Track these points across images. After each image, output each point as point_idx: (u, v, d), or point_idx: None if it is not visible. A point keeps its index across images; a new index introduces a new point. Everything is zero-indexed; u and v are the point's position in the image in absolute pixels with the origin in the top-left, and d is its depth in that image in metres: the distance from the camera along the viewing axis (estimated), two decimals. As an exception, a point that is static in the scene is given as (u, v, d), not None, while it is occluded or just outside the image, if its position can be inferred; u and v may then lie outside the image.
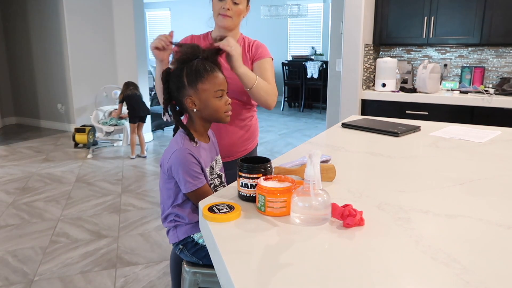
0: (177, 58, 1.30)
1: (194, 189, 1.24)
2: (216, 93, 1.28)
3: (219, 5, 1.57)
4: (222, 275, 0.75)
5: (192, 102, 1.28)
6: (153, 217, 2.98)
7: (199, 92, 1.27)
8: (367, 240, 0.82)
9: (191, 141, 1.28)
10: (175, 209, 1.33)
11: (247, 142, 1.75)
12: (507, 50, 3.45)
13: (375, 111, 3.40)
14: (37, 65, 5.98)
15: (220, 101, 1.29)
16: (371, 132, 1.81)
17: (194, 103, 1.28)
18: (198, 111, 1.29)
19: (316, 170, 0.87)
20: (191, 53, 1.29)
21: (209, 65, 1.28)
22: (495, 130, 1.86)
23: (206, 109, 1.29)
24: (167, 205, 1.34)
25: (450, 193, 1.08)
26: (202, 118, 1.32)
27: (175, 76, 1.29)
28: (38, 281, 2.17)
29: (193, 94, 1.27)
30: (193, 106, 1.28)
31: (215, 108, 1.29)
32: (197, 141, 1.29)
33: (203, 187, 1.26)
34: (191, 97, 1.27)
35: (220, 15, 1.58)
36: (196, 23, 9.70)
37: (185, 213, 1.33)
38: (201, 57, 1.29)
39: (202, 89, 1.26)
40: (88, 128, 4.87)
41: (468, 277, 0.68)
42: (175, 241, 1.35)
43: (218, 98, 1.29)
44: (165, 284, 2.15)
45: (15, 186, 3.66)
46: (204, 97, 1.27)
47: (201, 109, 1.29)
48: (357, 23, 3.29)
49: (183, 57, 1.29)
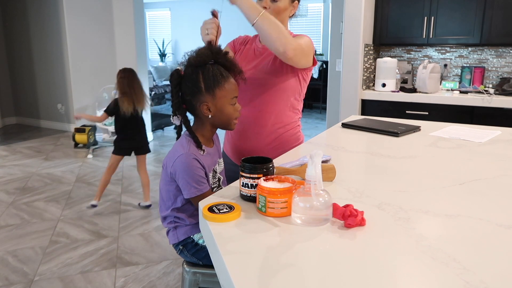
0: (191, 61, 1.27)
1: (199, 194, 1.23)
2: (231, 100, 1.28)
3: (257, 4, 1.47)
4: (222, 275, 0.75)
5: (208, 108, 1.26)
6: (153, 217, 2.98)
7: (216, 99, 1.25)
8: (368, 240, 0.82)
9: (199, 148, 1.26)
10: (173, 212, 1.33)
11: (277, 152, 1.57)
12: (507, 50, 3.45)
13: (375, 111, 3.40)
14: (37, 65, 5.98)
15: (233, 108, 1.29)
16: (371, 132, 1.81)
17: (209, 109, 1.26)
18: (212, 118, 1.28)
19: (317, 171, 0.87)
20: (207, 56, 1.26)
21: (224, 71, 1.27)
22: (495, 130, 1.86)
23: (221, 116, 1.28)
24: (166, 207, 1.34)
25: (450, 193, 1.08)
26: (213, 124, 1.31)
27: (190, 80, 1.25)
28: (38, 281, 2.18)
29: (209, 100, 1.25)
30: (208, 112, 1.26)
31: (229, 116, 1.29)
32: (204, 149, 1.28)
33: (206, 193, 1.25)
34: (207, 103, 1.25)
35: None
36: (196, 23, 9.70)
37: (184, 216, 1.33)
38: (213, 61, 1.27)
39: (219, 95, 1.25)
40: (88, 128, 4.87)
41: (468, 277, 0.68)
42: (175, 241, 1.35)
43: (232, 105, 1.29)
44: (165, 284, 2.15)
45: (15, 186, 3.66)
46: (220, 104, 1.26)
47: (215, 116, 1.27)
48: (357, 23, 3.29)
49: (199, 59, 1.26)
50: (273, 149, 1.60)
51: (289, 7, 1.52)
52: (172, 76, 1.27)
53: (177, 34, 9.97)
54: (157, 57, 10.13)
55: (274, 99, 1.57)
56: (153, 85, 8.49)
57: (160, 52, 9.94)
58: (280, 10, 1.50)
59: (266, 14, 1.36)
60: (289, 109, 1.62)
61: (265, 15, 1.36)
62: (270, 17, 1.37)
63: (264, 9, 1.46)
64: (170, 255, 2.43)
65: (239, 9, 1.36)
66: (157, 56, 10.11)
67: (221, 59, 1.28)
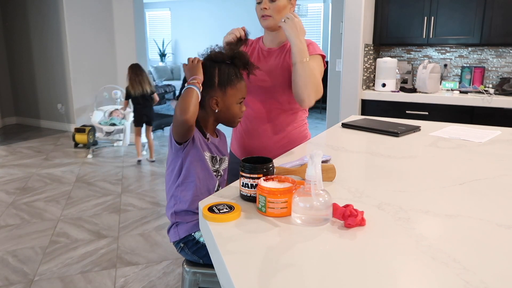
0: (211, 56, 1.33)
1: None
2: (239, 100, 1.35)
3: (258, 8, 1.55)
4: (222, 275, 0.75)
5: (216, 103, 1.31)
6: (153, 217, 2.98)
7: (227, 96, 1.31)
8: (368, 240, 0.82)
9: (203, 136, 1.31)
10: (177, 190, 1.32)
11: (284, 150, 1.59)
12: (507, 50, 3.45)
13: (375, 111, 3.40)
14: (37, 65, 5.98)
15: (239, 108, 1.36)
16: (371, 132, 1.81)
17: (217, 104, 1.32)
18: (218, 112, 1.33)
19: (317, 171, 0.87)
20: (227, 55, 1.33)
21: (238, 72, 1.34)
22: (495, 130, 1.86)
23: (226, 112, 1.34)
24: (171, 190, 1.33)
25: (450, 193, 1.08)
26: (217, 118, 1.37)
27: (205, 73, 1.30)
28: (38, 281, 2.18)
29: (220, 95, 1.31)
30: (216, 106, 1.32)
31: (234, 114, 1.36)
32: (209, 137, 1.34)
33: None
34: (217, 98, 1.31)
35: (261, 17, 1.55)
36: (196, 23, 9.71)
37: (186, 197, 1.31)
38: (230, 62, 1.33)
39: (230, 93, 1.32)
40: (88, 128, 4.87)
41: (468, 277, 0.68)
42: (176, 239, 1.35)
43: (238, 105, 1.35)
44: (165, 284, 2.15)
45: (15, 186, 3.66)
46: (228, 102, 1.32)
47: (221, 111, 1.33)
48: (357, 23, 3.29)
49: (219, 55, 1.32)
50: (281, 147, 1.64)
51: (287, 4, 1.55)
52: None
53: (177, 34, 9.97)
54: (157, 57, 10.13)
55: (284, 98, 1.61)
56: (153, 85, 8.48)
57: (160, 52, 9.94)
58: (280, 9, 1.53)
59: (309, 63, 1.46)
60: (298, 108, 1.66)
61: (307, 63, 1.45)
62: (310, 67, 1.46)
63: (265, 10, 1.52)
64: (170, 255, 2.43)
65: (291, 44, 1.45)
66: (157, 56, 10.11)
67: (239, 61, 1.34)
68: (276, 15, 1.53)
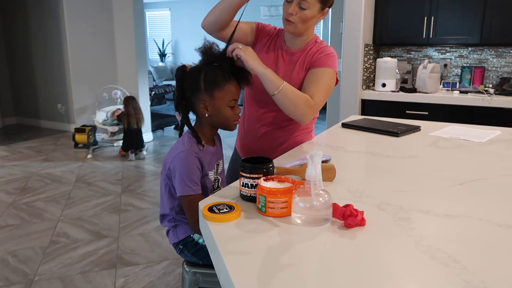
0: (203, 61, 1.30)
1: (191, 194, 1.23)
2: (230, 102, 1.29)
3: (285, 8, 1.44)
4: (222, 275, 0.75)
5: (205, 107, 1.28)
6: (153, 217, 2.98)
7: (214, 99, 1.27)
8: (368, 240, 0.82)
9: (198, 144, 1.27)
10: (173, 211, 1.33)
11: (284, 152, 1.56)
12: (507, 50, 3.45)
13: (375, 111, 3.40)
14: (37, 65, 5.98)
15: (232, 111, 1.30)
16: (371, 132, 1.81)
17: (207, 108, 1.28)
18: (209, 117, 1.30)
19: (318, 171, 0.87)
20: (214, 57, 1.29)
21: (227, 73, 1.28)
22: (495, 130, 1.86)
23: (217, 116, 1.29)
24: (167, 206, 1.34)
25: (450, 193, 1.08)
26: (211, 123, 1.33)
27: (191, 77, 1.28)
28: (38, 281, 2.18)
29: (207, 99, 1.27)
30: (205, 111, 1.28)
31: (226, 117, 1.30)
32: (204, 144, 1.29)
33: (198, 196, 1.24)
34: (205, 102, 1.27)
35: (285, 19, 1.45)
36: (196, 23, 9.69)
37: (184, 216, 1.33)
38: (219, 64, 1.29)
39: (218, 96, 1.27)
40: (88, 128, 4.86)
41: (468, 277, 0.68)
42: (175, 241, 1.35)
43: (230, 108, 1.30)
44: (165, 284, 2.15)
45: (15, 186, 3.66)
46: (217, 105, 1.28)
47: (212, 115, 1.29)
48: (357, 23, 3.29)
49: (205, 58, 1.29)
50: (282, 150, 1.59)
51: (317, 14, 1.45)
52: (177, 71, 1.30)
53: (177, 34, 9.96)
54: (157, 57, 10.13)
55: None
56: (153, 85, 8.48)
57: (160, 52, 9.94)
58: (307, 18, 1.44)
59: (285, 88, 1.36)
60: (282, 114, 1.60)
61: (283, 90, 1.36)
62: (288, 91, 1.37)
63: (290, 15, 1.42)
64: (170, 255, 2.43)
65: (259, 76, 1.36)
66: (157, 56, 10.10)
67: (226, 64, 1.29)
68: (300, 25, 1.44)
